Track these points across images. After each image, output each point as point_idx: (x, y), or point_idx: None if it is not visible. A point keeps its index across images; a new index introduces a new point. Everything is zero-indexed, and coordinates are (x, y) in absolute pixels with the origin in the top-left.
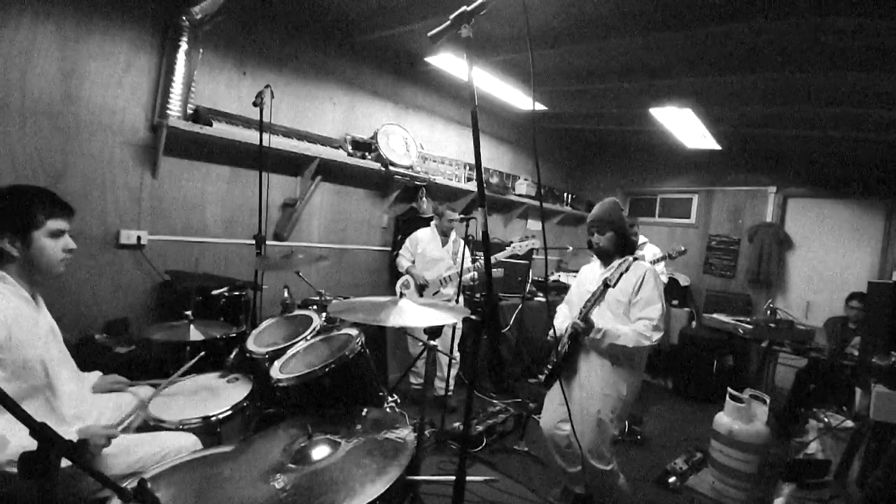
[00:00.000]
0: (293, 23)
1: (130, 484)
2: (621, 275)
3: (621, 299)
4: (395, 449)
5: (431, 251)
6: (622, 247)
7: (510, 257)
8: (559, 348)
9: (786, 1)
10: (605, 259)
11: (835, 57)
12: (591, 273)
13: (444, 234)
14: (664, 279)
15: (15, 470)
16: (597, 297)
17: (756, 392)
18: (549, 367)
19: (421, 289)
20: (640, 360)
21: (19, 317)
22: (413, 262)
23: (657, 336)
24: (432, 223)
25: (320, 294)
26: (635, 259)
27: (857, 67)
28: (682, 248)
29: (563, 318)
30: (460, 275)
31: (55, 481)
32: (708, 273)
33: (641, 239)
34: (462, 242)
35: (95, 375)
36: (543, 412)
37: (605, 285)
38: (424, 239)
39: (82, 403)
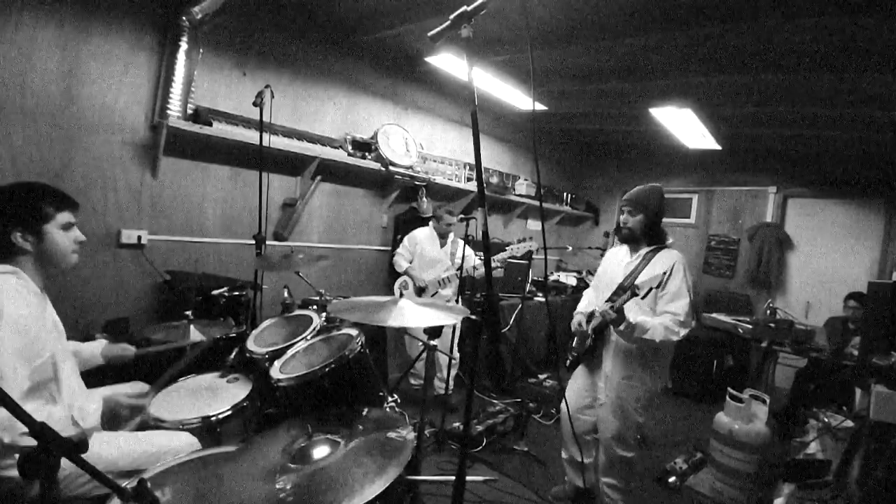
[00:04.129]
0: (293, 23)
1: (130, 484)
2: (650, 289)
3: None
4: (395, 448)
5: (430, 252)
6: (651, 234)
7: (509, 258)
8: (584, 340)
9: (786, 1)
10: (633, 244)
11: (835, 57)
12: (617, 258)
13: (442, 237)
14: None
15: (25, 442)
16: (626, 298)
17: (756, 392)
18: (573, 354)
19: (420, 291)
20: (668, 352)
21: (33, 312)
22: (411, 261)
23: (684, 332)
24: (431, 223)
25: (320, 294)
26: (664, 247)
27: (857, 67)
28: None
29: (588, 304)
30: (459, 276)
31: (55, 481)
32: (707, 273)
33: (670, 241)
34: (461, 243)
35: (102, 343)
36: (567, 396)
37: (634, 293)
38: (423, 239)
39: (82, 398)
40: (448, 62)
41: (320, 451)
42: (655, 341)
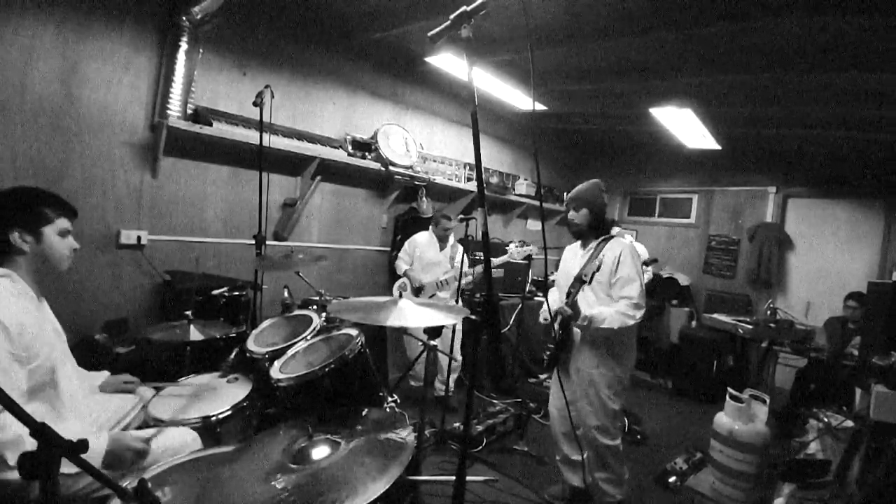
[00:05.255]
0: (293, 23)
1: (130, 483)
2: (593, 273)
3: (601, 280)
4: (396, 448)
5: (429, 255)
6: (597, 226)
7: (509, 260)
8: (553, 336)
9: (786, 1)
10: (583, 238)
11: (835, 57)
12: (572, 254)
13: (442, 240)
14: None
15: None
16: (579, 288)
17: (756, 392)
18: (548, 353)
19: (417, 291)
20: (630, 336)
21: (27, 316)
22: (411, 264)
23: (639, 314)
24: (430, 228)
25: (320, 294)
26: (611, 237)
27: (857, 67)
28: (654, 259)
29: (553, 301)
30: (459, 279)
31: (55, 481)
32: (708, 273)
33: (616, 230)
34: (460, 247)
35: (104, 375)
36: (551, 396)
37: (582, 281)
38: (422, 243)
39: (82, 401)
40: (448, 62)
41: (320, 452)
42: (614, 328)
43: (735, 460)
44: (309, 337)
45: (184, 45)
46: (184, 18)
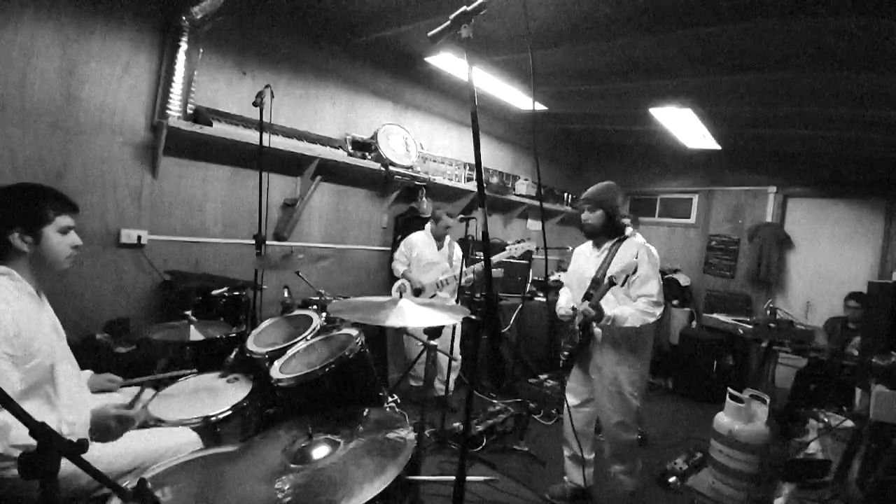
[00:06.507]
0: (293, 23)
1: (130, 483)
2: (627, 276)
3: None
4: (395, 449)
5: (427, 255)
6: (611, 228)
7: (507, 258)
8: (574, 336)
9: (787, 1)
10: (596, 239)
11: (835, 57)
12: (585, 256)
13: (439, 238)
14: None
15: (17, 453)
16: (604, 290)
17: (756, 392)
18: (566, 353)
19: (417, 293)
20: (649, 334)
21: (27, 314)
22: (408, 265)
23: (659, 311)
24: (427, 226)
25: (320, 294)
26: (626, 238)
27: (857, 67)
28: (677, 269)
29: (567, 300)
30: (459, 279)
31: (55, 481)
32: (708, 273)
33: (629, 231)
34: (457, 246)
35: (87, 374)
36: (566, 393)
37: (612, 283)
38: (419, 243)
39: (80, 400)
40: (448, 62)
41: (320, 452)
42: (636, 327)
43: (735, 460)
44: (309, 337)
45: (184, 45)
46: (184, 18)
